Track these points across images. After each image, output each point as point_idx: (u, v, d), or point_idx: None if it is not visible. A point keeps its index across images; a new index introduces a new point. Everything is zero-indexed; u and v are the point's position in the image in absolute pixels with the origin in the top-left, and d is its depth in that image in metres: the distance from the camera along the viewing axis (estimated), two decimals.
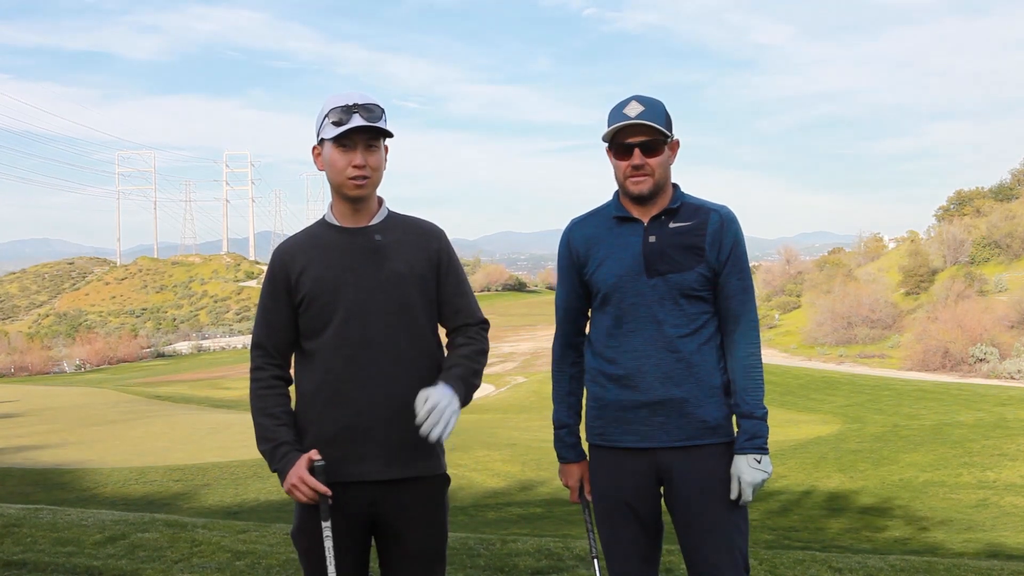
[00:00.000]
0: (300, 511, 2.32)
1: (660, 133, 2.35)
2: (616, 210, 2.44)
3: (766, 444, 2.36)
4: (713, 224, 2.39)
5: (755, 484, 2.33)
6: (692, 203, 2.44)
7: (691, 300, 2.37)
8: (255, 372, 2.38)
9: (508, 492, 14.06)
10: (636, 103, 2.37)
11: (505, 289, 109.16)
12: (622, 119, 2.35)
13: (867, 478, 15.76)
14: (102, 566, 4.66)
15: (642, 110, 2.36)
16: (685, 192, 2.48)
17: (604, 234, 2.44)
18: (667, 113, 2.40)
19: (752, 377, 2.39)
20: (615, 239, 2.42)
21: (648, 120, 2.34)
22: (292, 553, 4.82)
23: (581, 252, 2.48)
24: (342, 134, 2.25)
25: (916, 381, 33.45)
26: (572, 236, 2.51)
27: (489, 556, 5.03)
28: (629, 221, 2.42)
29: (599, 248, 2.44)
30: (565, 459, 2.58)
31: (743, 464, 2.34)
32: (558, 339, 2.59)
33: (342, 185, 2.31)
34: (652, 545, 2.47)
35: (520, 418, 27.50)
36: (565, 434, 2.57)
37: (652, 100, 2.39)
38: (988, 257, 51.17)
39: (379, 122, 2.27)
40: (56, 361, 66.02)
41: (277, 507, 11.79)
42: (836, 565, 5.03)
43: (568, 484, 2.59)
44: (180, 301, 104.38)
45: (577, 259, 2.49)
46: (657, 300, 2.36)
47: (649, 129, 2.34)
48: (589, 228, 2.49)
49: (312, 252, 2.35)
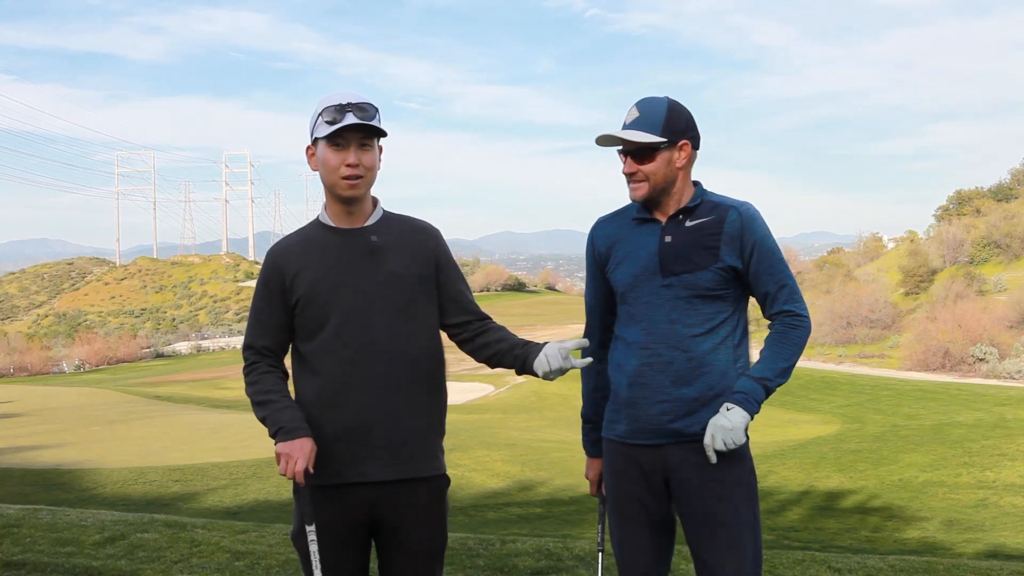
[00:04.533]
0: (300, 513, 2.32)
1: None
2: (637, 211, 2.45)
3: (749, 401, 2.32)
4: (731, 222, 2.37)
5: (715, 429, 2.30)
6: (712, 200, 2.43)
7: (706, 300, 2.37)
8: (248, 367, 2.36)
9: (508, 492, 14.05)
10: (634, 109, 2.38)
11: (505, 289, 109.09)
12: (622, 127, 2.37)
13: (867, 478, 15.76)
14: (102, 566, 4.66)
15: (636, 117, 2.36)
16: (707, 190, 2.46)
17: (626, 233, 2.46)
18: (671, 114, 2.36)
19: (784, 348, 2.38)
20: (634, 238, 2.44)
21: (639, 128, 2.34)
22: (292, 553, 4.82)
23: (603, 251, 2.51)
24: (336, 132, 2.24)
25: (916, 381, 33.45)
26: (596, 235, 2.55)
27: (489, 556, 5.03)
28: (648, 221, 2.43)
29: (619, 247, 2.46)
30: (590, 453, 2.65)
31: (719, 411, 2.33)
32: (585, 335, 2.61)
33: (335, 185, 2.29)
34: (663, 543, 2.48)
35: (520, 418, 27.50)
36: (590, 429, 2.63)
37: (653, 104, 2.37)
38: (987, 257, 51.18)
39: (373, 121, 2.26)
40: (55, 361, 65.97)
41: (277, 507, 11.79)
42: (836, 565, 5.02)
43: (588, 477, 2.66)
44: (179, 301, 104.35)
45: (599, 257, 2.52)
46: (671, 300, 2.37)
47: None
48: (612, 227, 2.51)
49: (307, 254, 2.33)
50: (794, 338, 2.38)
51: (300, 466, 2.17)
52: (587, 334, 2.61)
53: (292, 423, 2.22)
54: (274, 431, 2.23)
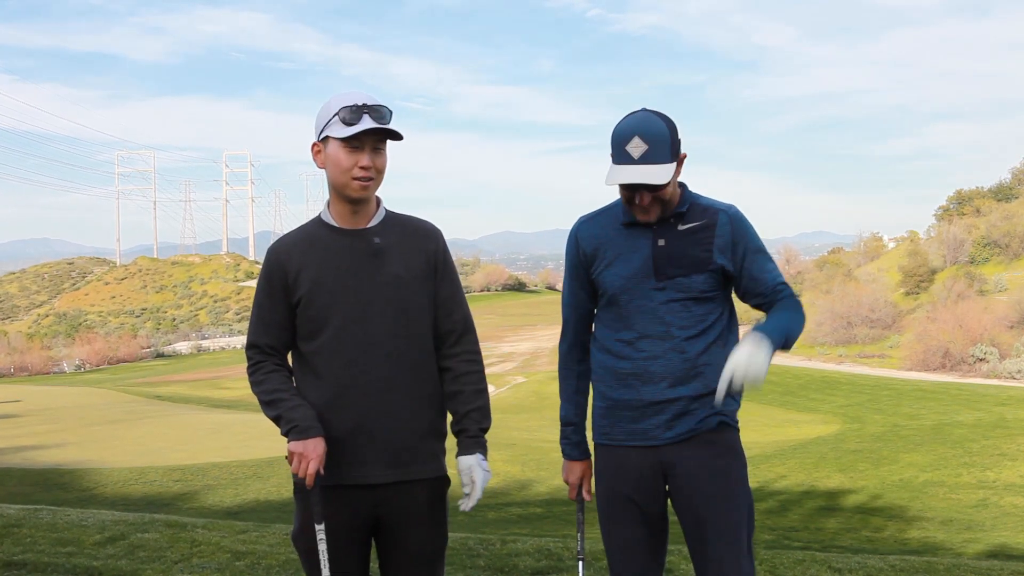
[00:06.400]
0: (300, 514, 2.32)
1: None
2: (625, 216, 2.41)
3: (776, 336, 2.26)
4: (722, 225, 2.37)
5: (746, 364, 2.18)
6: (700, 204, 2.41)
7: (699, 302, 2.37)
8: (253, 366, 2.35)
9: (508, 492, 14.05)
10: (639, 141, 2.25)
11: (505, 289, 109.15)
12: (624, 159, 2.27)
13: (867, 478, 15.76)
14: (102, 566, 4.66)
15: (645, 150, 2.25)
16: (693, 192, 2.45)
17: (613, 234, 2.42)
18: (671, 134, 2.29)
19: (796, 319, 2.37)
20: (624, 240, 2.40)
21: (654, 162, 2.25)
22: (292, 553, 4.82)
23: (588, 251, 2.45)
24: (354, 135, 2.23)
25: (916, 381, 33.46)
26: (580, 234, 2.48)
27: (489, 556, 5.03)
28: (638, 224, 2.40)
29: (607, 248, 2.42)
30: (569, 456, 2.59)
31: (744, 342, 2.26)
32: (565, 337, 2.58)
33: (346, 186, 2.27)
34: (656, 544, 2.47)
35: (520, 418, 27.50)
36: (571, 432, 2.58)
37: (655, 129, 2.27)
38: (988, 257, 51.19)
39: (389, 125, 2.26)
40: (56, 361, 65.97)
41: (277, 507, 11.79)
42: (836, 565, 5.03)
43: (568, 480, 2.60)
44: (180, 301, 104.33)
45: (584, 258, 2.47)
46: (665, 303, 2.36)
47: None
48: (597, 227, 2.46)
49: (310, 252, 2.32)
50: (800, 318, 2.40)
51: (312, 468, 2.17)
52: (565, 333, 2.58)
53: (306, 421, 2.22)
54: (287, 429, 2.22)
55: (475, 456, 2.32)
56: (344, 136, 2.22)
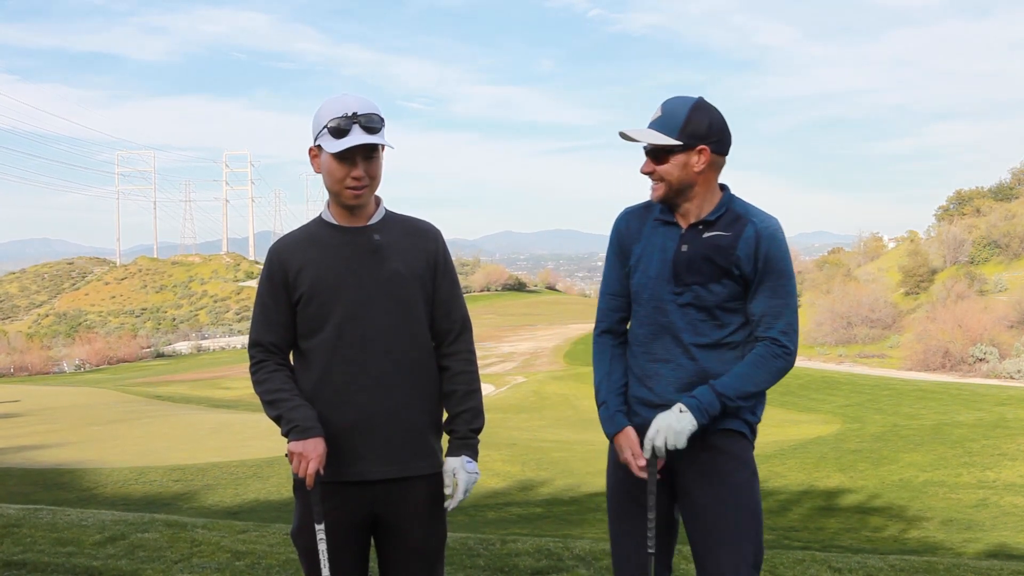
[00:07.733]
0: (300, 512, 2.33)
1: None
2: (660, 212, 2.43)
3: (702, 411, 2.29)
4: (747, 238, 2.34)
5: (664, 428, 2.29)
6: (736, 211, 2.39)
7: (717, 311, 2.36)
8: (256, 366, 2.36)
9: (508, 492, 14.05)
10: (659, 108, 2.36)
11: (505, 289, 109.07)
12: (647, 125, 2.38)
13: (867, 478, 15.75)
14: (102, 566, 4.66)
15: (657, 117, 2.35)
16: (735, 196, 2.43)
17: (647, 231, 2.45)
18: (692, 117, 2.31)
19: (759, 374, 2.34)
20: (654, 239, 2.42)
21: (657, 128, 2.33)
22: (292, 553, 4.82)
23: (626, 243, 2.48)
24: (343, 152, 2.23)
25: (916, 381, 33.44)
26: (621, 226, 2.51)
27: (489, 556, 5.03)
28: (670, 224, 2.41)
29: (640, 247, 2.44)
30: (608, 434, 2.49)
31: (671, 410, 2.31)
32: (598, 323, 2.57)
33: (339, 194, 2.30)
34: (662, 543, 2.48)
35: (520, 418, 27.50)
36: (602, 410, 2.51)
37: (677, 104, 2.34)
38: (988, 257, 51.16)
39: (379, 134, 2.25)
40: (56, 361, 65.95)
41: (277, 507, 11.79)
42: (836, 565, 5.03)
43: (624, 458, 2.41)
44: (180, 301, 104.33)
45: (623, 248, 2.50)
46: (680, 308, 2.37)
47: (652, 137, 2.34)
48: (636, 221, 2.49)
49: (310, 250, 2.34)
50: (773, 368, 2.35)
51: (312, 468, 2.18)
52: (598, 319, 2.56)
53: (306, 421, 2.23)
54: (288, 429, 2.23)
55: (460, 458, 2.33)
56: (334, 152, 2.23)
